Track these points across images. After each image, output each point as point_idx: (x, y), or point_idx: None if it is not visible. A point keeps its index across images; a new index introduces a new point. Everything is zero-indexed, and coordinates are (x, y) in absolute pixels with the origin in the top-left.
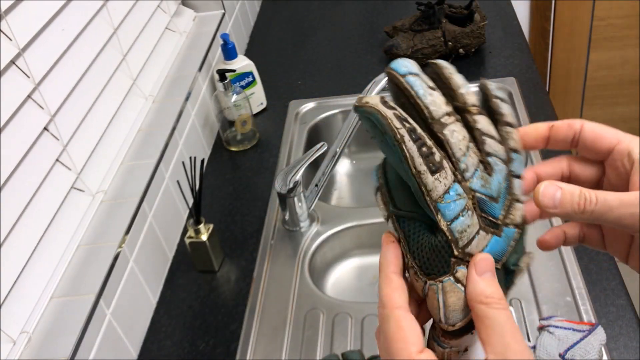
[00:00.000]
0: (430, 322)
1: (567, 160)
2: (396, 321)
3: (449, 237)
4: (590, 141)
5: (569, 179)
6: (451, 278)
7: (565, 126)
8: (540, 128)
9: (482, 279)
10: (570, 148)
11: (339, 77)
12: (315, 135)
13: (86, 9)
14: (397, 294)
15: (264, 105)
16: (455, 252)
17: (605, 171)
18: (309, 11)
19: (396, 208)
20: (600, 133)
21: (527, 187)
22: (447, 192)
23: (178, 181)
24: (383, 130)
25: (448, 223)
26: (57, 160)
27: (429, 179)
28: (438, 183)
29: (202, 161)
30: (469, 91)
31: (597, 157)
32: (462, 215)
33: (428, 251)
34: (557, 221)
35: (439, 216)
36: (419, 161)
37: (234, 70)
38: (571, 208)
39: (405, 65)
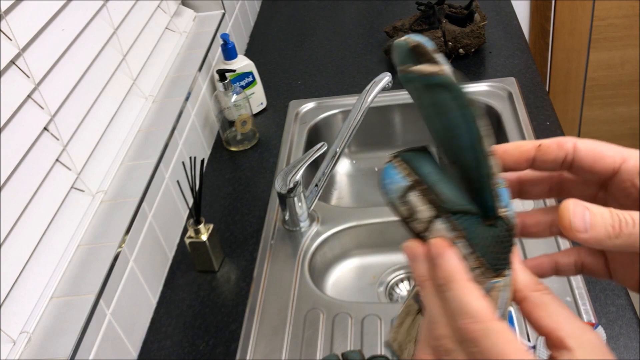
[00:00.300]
0: None
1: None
2: (501, 334)
3: (508, 224)
4: (589, 163)
5: (558, 193)
6: (511, 270)
7: (555, 145)
8: (524, 147)
9: (523, 266)
10: (561, 170)
11: (339, 77)
12: (315, 135)
13: (86, 9)
14: (484, 303)
15: (264, 105)
16: (514, 241)
17: (606, 190)
18: (309, 11)
19: (450, 204)
20: (601, 152)
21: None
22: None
23: (178, 181)
24: (463, 104)
25: (506, 209)
26: (57, 160)
27: (493, 160)
28: (496, 165)
29: (202, 161)
30: None
31: (598, 178)
32: (510, 199)
33: (493, 245)
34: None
35: (498, 202)
36: (487, 141)
37: (234, 70)
38: (605, 232)
39: (428, 40)
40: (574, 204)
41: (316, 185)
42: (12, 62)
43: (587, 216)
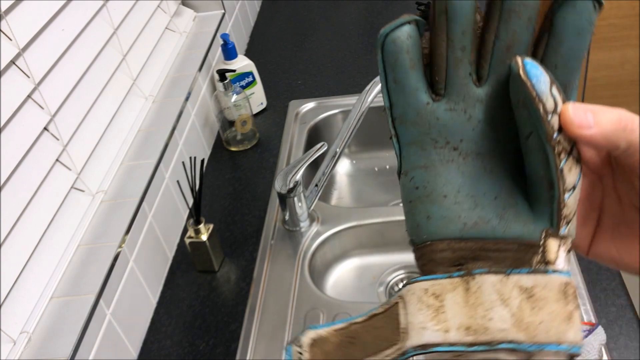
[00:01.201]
0: None
1: None
2: None
3: None
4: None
5: None
6: None
7: None
8: None
9: None
10: None
11: (339, 77)
12: (315, 135)
13: (86, 9)
14: None
15: (264, 105)
16: None
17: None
18: (309, 11)
19: None
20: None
21: None
22: None
23: (178, 181)
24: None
25: None
26: (57, 160)
27: None
28: None
29: (202, 161)
30: None
31: None
32: None
33: None
34: None
35: None
36: None
37: (234, 70)
38: (611, 125)
39: None
40: (572, 105)
41: (316, 185)
42: (12, 62)
43: (589, 115)
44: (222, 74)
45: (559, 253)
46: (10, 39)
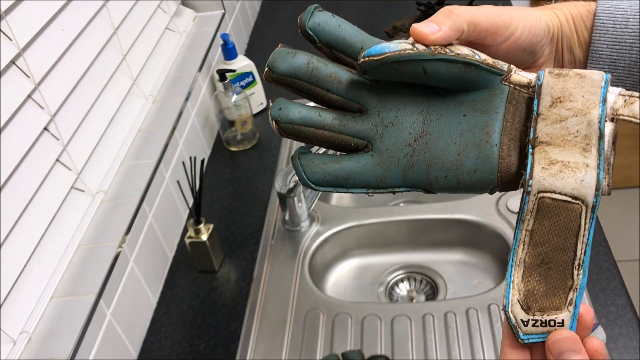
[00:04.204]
0: None
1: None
2: None
3: None
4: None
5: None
6: None
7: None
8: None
9: None
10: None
11: None
12: None
13: (86, 9)
14: None
15: (264, 105)
16: None
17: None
18: None
19: None
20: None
21: None
22: None
23: (178, 181)
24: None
25: None
26: (57, 160)
27: None
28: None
29: (202, 161)
30: None
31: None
32: None
33: None
34: None
35: None
36: None
37: (234, 70)
38: (448, 19)
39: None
40: (415, 26)
41: None
42: (12, 62)
43: (431, 24)
44: (222, 74)
45: (520, 73)
46: (10, 39)
